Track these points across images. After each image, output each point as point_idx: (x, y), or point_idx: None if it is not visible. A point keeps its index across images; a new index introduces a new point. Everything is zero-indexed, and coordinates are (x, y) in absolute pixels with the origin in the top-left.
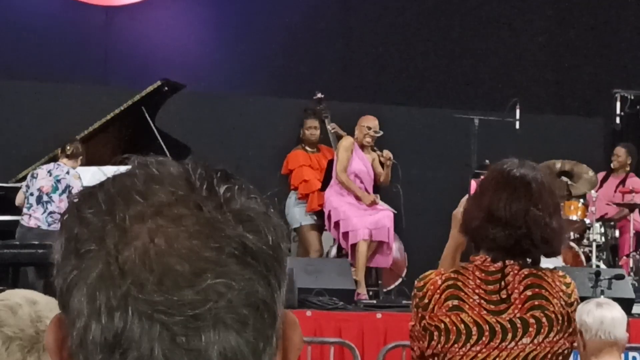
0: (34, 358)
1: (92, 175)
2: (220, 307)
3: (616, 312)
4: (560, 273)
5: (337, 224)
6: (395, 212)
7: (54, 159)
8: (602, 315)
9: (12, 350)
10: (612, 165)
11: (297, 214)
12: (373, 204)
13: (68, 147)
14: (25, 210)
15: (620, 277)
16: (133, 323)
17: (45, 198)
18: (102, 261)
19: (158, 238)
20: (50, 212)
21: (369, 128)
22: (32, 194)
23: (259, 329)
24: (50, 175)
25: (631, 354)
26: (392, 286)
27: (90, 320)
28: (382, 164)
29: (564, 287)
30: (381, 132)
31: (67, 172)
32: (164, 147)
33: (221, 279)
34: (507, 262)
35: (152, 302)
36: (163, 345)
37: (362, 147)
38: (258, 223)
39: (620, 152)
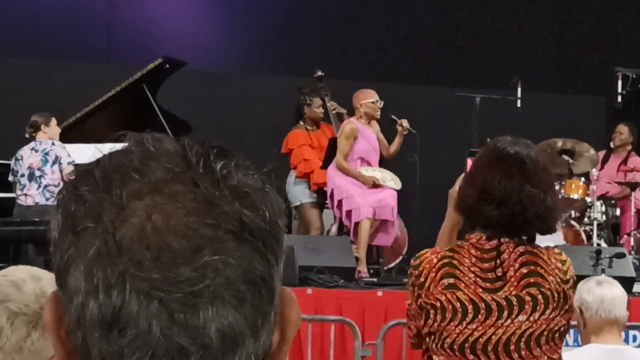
0: (38, 333)
1: (92, 153)
2: (217, 283)
3: (616, 291)
4: (556, 250)
5: (340, 202)
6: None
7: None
8: (603, 294)
9: (17, 326)
10: (613, 143)
11: (298, 192)
12: (374, 185)
13: (27, 128)
14: (19, 192)
15: (621, 255)
16: (131, 300)
17: (37, 173)
18: (99, 238)
19: (155, 215)
20: (46, 186)
21: (376, 102)
22: (22, 175)
23: (256, 305)
24: (36, 152)
25: (631, 332)
26: (393, 264)
27: (87, 298)
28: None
29: (559, 265)
30: (381, 102)
31: (53, 144)
32: (165, 124)
33: (218, 256)
34: (502, 239)
35: (149, 279)
36: (161, 322)
37: (369, 122)
38: (255, 199)
39: (623, 129)
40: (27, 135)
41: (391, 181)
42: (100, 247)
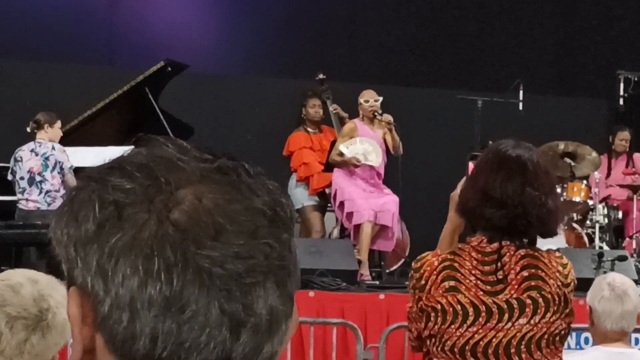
0: (37, 337)
1: (95, 155)
2: (267, 265)
3: (628, 305)
4: (557, 254)
5: (341, 204)
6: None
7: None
8: (611, 309)
9: (16, 330)
10: (615, 148)
11: (299, 194)
12: (355, 165)
13: (31, 124)
14: (19, 195)
15: (623, 258)
16: (193, 279)
17: (38, 178)
18: (154, 221)
19: (204, 199)
20: (47, 191)
21: (366, 101)
22: (22, 178)
23: (289, 292)
24: (36, 155)
25: (634, 335)
26: (395, 267)
27: (146, 277)
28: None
29: (560, 268)
30: (380, 98)
31: (53, 148)
32: (167, 127)
33: (265, 240)
34: (503, 242)
35: (210, 257)
36: (220, 299)
37: (372, 122)
38: (280, 192)
39: (626, 136)
40: (28, 130)
41: (373, 153)
42: (157, 229)
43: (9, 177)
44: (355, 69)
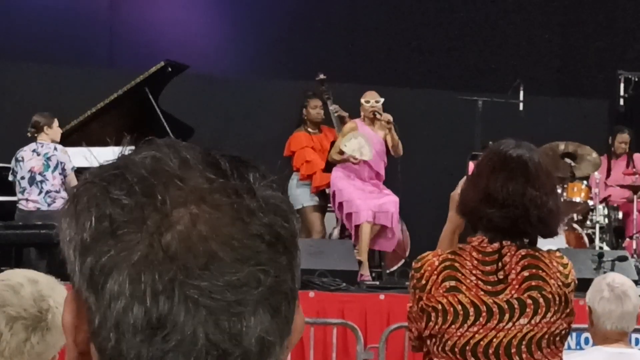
0: (37, 337)
1: (97, 155)
2: (259, 292)
3: (628, 305)
4: (558, 254)
5: (341, 205)
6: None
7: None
8: (611, 310)
9: (16, 330)
10: (615, 150)
11: (300, 195)
12: (351, 161)
13: (29, 128)
14: (19, 195)
15: (623, 258)
16: (179, 307)
17: (38, 178)
18: (145, 243)
19: (199, 223)
20: (47, 192)
21: (367, 102)
22: (22, 178)
23: (287, 316)
24: (38, 155)
25: (634, 335)
26: (395, 267)
27: (132, 301)
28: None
29: (561, 268)
30: (381, 100)
31: (55, 149)
32: (168, 128)
33: (260, 266)
34: (504, 242)
35: (198, 287)
36: (207, 329)
37: (373, 122)
38: (286, 210)
39: (625, 138)
40: (28, 135)
41: (366, 147)
42: (147, 252)
43: (10, 177)
44: (356, 70)
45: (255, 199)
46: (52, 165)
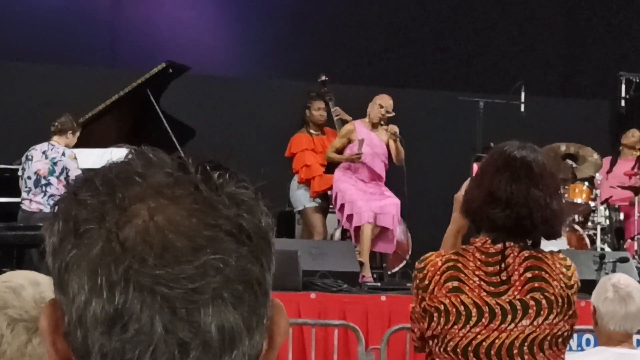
0: (39, 339)
1: (98, 156)
2: (218, 282)
3: (632, 307)
4: (561, 256)
5: (342, 206)
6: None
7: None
8: (615, 311)
9: (18, 332)
10: (621, 141)
11: (301, 196)
12: (353, 160)
13: (56, 124)
14: (24, 194)
15: (624, 259)
16: (134, 297)
17: (43, 181)
18: (103, 239)
19: (157, 216)
20: (51, 195)
21: (381, 107)
22: (29, 177)
23: (253, 306)
24: (46, 158)
25: (635, 337)
26: (397, 268)
27: (91, 296)
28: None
29: (564, 270)
30: (392, 113)
31: (63, 154)
32: (169, 129)
33: (218, 255)
34: (507, 243)
35: (153, 276)
36: (163, 317)
37: (374, 125)
38: (251, 206)
39: (635, 133)
40: (52, 128)
41: (362, 143)
42: (104, 246)
43: (20, 172)
44: (358, 72)
45: (216, 192)
46: (58, 171)
